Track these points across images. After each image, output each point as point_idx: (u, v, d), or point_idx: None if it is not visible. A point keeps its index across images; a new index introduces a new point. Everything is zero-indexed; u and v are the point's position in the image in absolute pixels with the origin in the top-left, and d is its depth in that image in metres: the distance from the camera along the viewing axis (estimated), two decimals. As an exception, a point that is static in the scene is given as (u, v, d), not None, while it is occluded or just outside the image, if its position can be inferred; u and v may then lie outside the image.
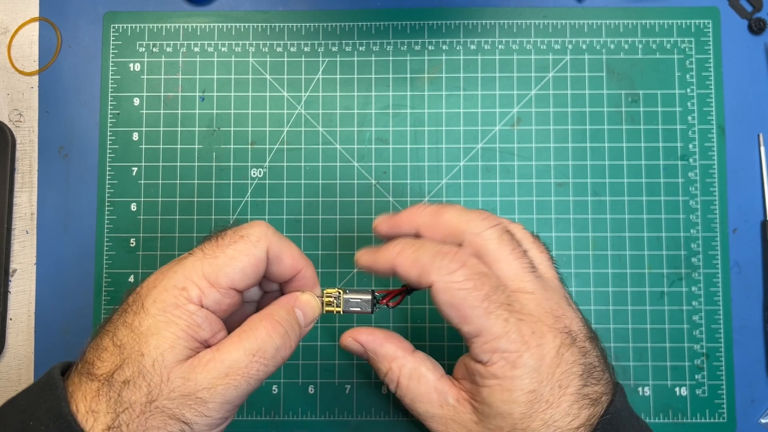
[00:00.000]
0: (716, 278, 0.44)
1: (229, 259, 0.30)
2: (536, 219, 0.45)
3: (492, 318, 0.30)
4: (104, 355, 0.29)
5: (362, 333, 0.35)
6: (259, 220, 0.32)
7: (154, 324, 0.28)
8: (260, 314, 0.31)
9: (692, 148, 0.45)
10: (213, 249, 0.30)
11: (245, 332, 0.30)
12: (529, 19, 0.46)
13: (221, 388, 0.28)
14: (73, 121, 0.46)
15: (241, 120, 0.46)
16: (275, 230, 0.32)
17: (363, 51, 0.46)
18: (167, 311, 0.29)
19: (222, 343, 0.29)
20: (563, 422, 0.29)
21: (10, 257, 0.45)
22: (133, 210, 0.45)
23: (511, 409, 0.30)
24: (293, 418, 0.43)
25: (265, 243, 0.31)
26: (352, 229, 0.45)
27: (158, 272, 0.31)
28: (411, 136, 0.45)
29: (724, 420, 0.43)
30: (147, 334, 0.28)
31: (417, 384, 0.33)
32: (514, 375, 0.30)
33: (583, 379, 0.30)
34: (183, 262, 0.30)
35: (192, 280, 0.29)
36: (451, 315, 0.30)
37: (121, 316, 0.30)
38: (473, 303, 0.30)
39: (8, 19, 0.46)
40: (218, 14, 0.46)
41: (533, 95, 0.46)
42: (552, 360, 0.30)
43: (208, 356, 0.29)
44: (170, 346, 0.28)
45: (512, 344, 0.30)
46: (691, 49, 0.46)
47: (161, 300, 0.29)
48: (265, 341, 0.29)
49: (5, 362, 0.44)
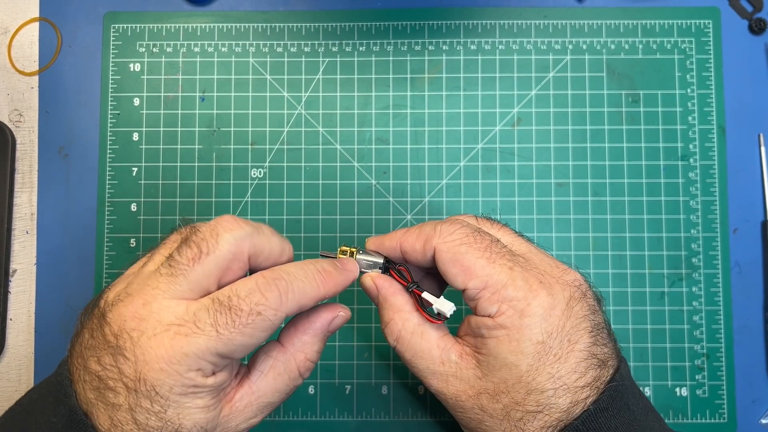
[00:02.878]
0: (717, 278, 0.44)
1: (248, 339, 0.28)
2: (536, 219, 0.45)
3: (496, 266, 0.30)
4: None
5: (381, 277, 0.34)
6: (265, 279, 0.29)
7: (182, 410, 0.27)
8: (294, 351, 0.32)
9: (693, 149, 0.45)
10: (228, 327, 0.27)
11: (280, 375, 0.31)
12: (530, 19, 0.46)
13: (257, 421, 0.31)
14: (73, 121, 0.46)
15: (242, 120, 0.46)
16: (288, 281, 0.29)
17: (363, 51, 0.46)
18: (188, 394, 0.27)
19: (257, 387, 0.31)
20: (569, 379, 0.29)
21: (10, 257, 0.45)
22: (133, 210, 0.45)
23: (518, 360, 0.29)
24: (293, 418, 0.43)
25: (283, 313, 0.28)
26: (353, 229, 0.45)
27: (152, 327, 0.27)
28: (411, 137, 0.45)
29: (724, 420, 0.43)
30: (178, 419, 0.27)
31: (419, 339, 0.32)
32: (522, 324, 0.29)
33: (593, 337, 0.30)
34: (194, 342, 0.27)
35: (206, 360, 0.27)
36: (455, 272, 0.31)
37: (129, 393, 0.27)
38: (475, 254, 0.30)
39: (8, 19, 0.46)
40: (218, 14, 0.46)
41: (533, 95, 0.46)
42: (562, 312, 0.30)
43: (244, 401, 0.30)
44: (205, 418, 0.28)
45: (519, 291, 0.30)
46: (692, 49, 0.46)
47: (178, 385, 0.27)
48: (298, 381, 0.32)
49: (5, 362, 0.44)
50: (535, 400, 0.29)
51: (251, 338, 0.28)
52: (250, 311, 0.27)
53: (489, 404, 0.30)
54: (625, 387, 0.30)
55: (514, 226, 0.45)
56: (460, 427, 0.33)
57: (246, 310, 0.27)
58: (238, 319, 0.27)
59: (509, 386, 0.29)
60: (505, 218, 0.45)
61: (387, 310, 0.33)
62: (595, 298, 0.32)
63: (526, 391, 0.29)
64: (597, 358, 0.30)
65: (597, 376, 0.29)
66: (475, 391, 0.30)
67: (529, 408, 0.29)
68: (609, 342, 0.31)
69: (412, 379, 0.44)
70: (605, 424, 0.28)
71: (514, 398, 0.29)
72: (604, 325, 0.31)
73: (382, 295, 0.34)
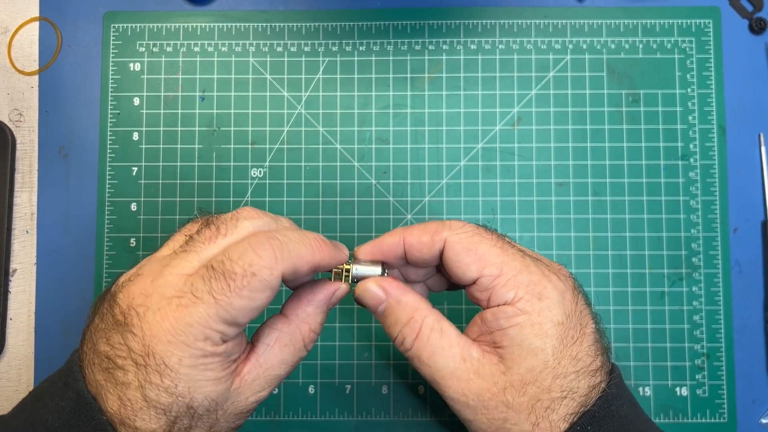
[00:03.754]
0: (717, 278, 0.44)
1: (247, 302, 0.27)
2: (537, 219, 0.45)
3: (510, 254, 0.31)
4: (142, 414, 0.27)
5: (385, 280, 0.33)
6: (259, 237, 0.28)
7: (193, 383, 0.27)
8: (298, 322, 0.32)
9: (693, 148, 0.45)
10: (225, 292, 0.27)
11: (286, 346, 0.31)
12: (530, 18, 0.46)
13: (266, 394, 0.31)
14: (73, 121, 0.46)
15: (242, 120, 0.46)
16: (279, 242, 0.28)
17: (363, 51, 0.46)
18: (198, 365, 0.27)
19: (264, 359, 0.31)
20: (586, 361, 0.29)
21: (10, 257, 0.45)
22: (133, 210, 0.45)
23: (543, 343, 0.29)
24: (293, 418, 0.43)
25: (278, 272, 0.28)
26: (353, 229, 0.45)
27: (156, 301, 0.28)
28: (411, 136, 0.45)
29: (724, 420, 0.43)
30: (189, 393, 0.27)
31: (439, 336, 0.31)
32: (541, 307, 0.30)
33: (595, 323, 0.31)
34: (194, 311, 0.27)
35: (211, 328, 0.27)
36: (468, 261, 0.31)
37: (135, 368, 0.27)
38: (489, 243, 0.31)
39: (8, 19, 0.46)
40: (218, 14, 0.46)
41: (534, 95, 0.46)
42: (572, 296, 0.31)
43: (252, 375, 0.30)
44: (216, 392, 0.28)
45: (534, 275, 0.30)
46: (692, 48, 0.46)
47: (187, 356, 0.27)
48: (303, 353, 0.32)
49: (5, 362, 0.44)
50: (560, 385, 0.29)
51: (250, 300, 0.27)
52: (244, 273, 0.27)
53: (515, 399, 0.29)
54: (623, 380, 0.31)
55: (514, 226, 0.45)
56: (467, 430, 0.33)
57: (240, 272, 0.27)
58: (233, 282, 0.27)
59: (536, 374, 0.29)
60: (505, 218, 0.45)
61: (403, 311, 0.32)
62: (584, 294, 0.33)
63: (553, 376, 0.29)
64: (601, 344, 0.31)
65: (603, 362, 0.30)
66: (499, 387, 0.30)
67: (555, 394, 0.29)
68: (604, 333, 0.32)
69: (412, 378, 0.44)
70: (617, 411, 0.29)
71: (541, 386, 0.29)
72: (599, 318, 0.32)
73: (394, 297, 0.32)
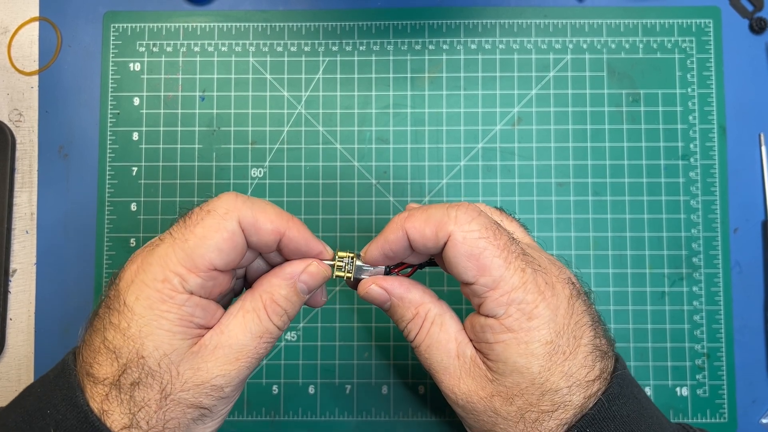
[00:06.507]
0: (717, 278, 0.44)
1: (200, 239, 0.28)
2: (537, 219, 0.45)
3: (511, 269, 0.29)
4: (99, 358, 0.28)
5: (386, 279, 0.32)
6: (226, 192, 0.30)
7: (145, 325, 0.28)
8: (261, 291, 0.30)
9: (693, 148, 0.45)
10: (182, 231, 0.28)
11: (248, 313, 0.30)
12: (530, 18, 0.46)
13: (234, 372, 0.29)
14: (73, 121, 0.46)
15: (242, 120, 0.46)
16: (246, 197, 0.30)
17: (363, 50, 0.46)
18: (154, 308, 0.28)
19: (225, 326, 0.29)
20: (580, 374, 0.29)
21: (10, 257, 0.45)
22: (133, 210, 0.45)
23: (528, 362, 0.29)
24: (293, 418, 0.43)
25: (234, 213, 0.29)
26: (353, 228, 0.45)
27: (132, 262, 0.30)
28: (411, 136, 0.45)
29: (725, 420, 0.43)
30: (140, 337, 0.28)
31: (438, 330, 0.31)
32: (530, 326, 0.29)
33: (593, 330, 0.30)
34: (155, 251, 0.29)
35: (170, 269, 0.28)
36: (468, 267, 0.29)
37: (106, 313, 0.29)
38: (494, 252, 0.29)
39: (8, 19, 0.46)
40: (218, 14, 0.46)
41: (534, 95, 0.46)
42: (566, 310, 0.30)
43: (214, 341, 0.29)
44: (169, 345, 0.28)
45: (529, 294, 0.29)
46: (692, 48, 0.46)
47: (144, 297, 0.28)
48: (268, 324, 0.30)
49: (5, 362, 0.44)
50: (549, 400, 0.29)
51: (203, 239, 0.28)
52: (200, 211, 0.29)
53: (503, 407, 0.30)
54: (627, 375, 0.31)
55: (514, 226, 0.45)
56: (466, 429, 0.33)
57: (197, 212, 0.29)
58: (189, 220, 0.29)
59: (522, 389, 0.29)
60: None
61: (407, 308, 0.32)
62: (584, 291, 0.32)
63: (540, 393, 0.29)
64: (600, 350, 0.30)
65: (603, 368, 0.30)
66: (487, 393, 0.30)
67: (544, 408, 0.29)
68: (605, 331, 0.32)
69: (412, 378, 0.44)
70: (618, 411, 0.29)
71: (528, 400, 0.29)
72: (599, 317, 0.32)
73: (397, 294, 0.32)
